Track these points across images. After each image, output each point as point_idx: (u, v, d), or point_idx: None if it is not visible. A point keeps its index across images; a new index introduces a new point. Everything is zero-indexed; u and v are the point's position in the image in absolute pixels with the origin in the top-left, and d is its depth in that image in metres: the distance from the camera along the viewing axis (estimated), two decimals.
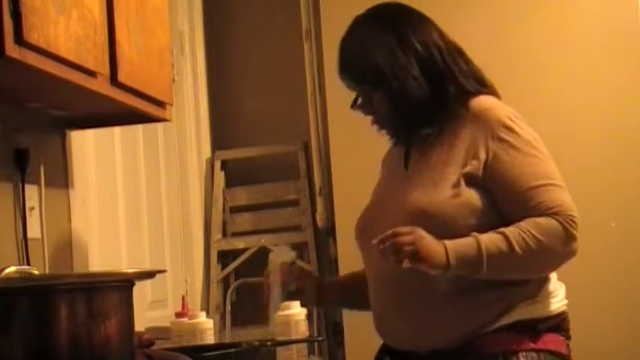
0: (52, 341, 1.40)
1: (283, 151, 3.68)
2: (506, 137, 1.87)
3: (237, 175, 3.74)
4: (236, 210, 3.71)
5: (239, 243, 3.65)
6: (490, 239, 1.79)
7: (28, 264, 2.12)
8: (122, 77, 2.03)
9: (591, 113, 3.12)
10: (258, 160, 3.72)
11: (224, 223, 3.70)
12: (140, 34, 2.14)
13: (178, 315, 2.58)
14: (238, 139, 3.75)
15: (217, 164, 3.70)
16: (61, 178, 2.41)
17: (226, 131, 3.78)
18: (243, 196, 3.71)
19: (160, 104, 2.32)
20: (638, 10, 3.11)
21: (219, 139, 3.76)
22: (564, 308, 1.92)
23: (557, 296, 1.91)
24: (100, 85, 1.95)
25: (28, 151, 2.18)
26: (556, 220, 1.80)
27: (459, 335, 1.84)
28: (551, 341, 1.86)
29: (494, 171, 1.86)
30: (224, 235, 3.69)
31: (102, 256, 2.69)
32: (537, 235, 1.79)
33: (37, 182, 2.25)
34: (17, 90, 1.97)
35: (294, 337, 2.45)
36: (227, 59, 3.81)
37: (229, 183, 3.73)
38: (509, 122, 1.89)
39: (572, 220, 1.81)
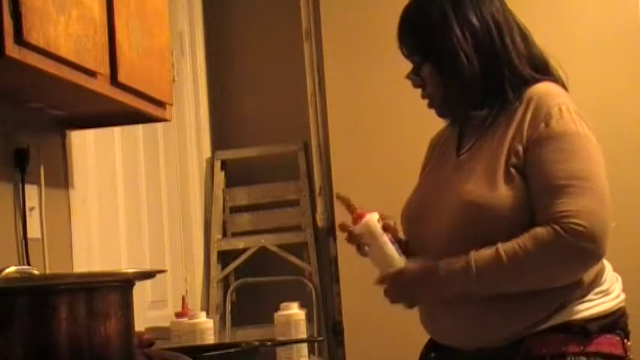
0: (52, 341, 1.40)
1: (283, 151, 3.69)
2: (547, 126, 1.76)
3: (237, 175, 3.75)
4: (236, 210, 3.71)
5: (239, 243, 3.65)
6: (480, 252, 1.73)
7: (28, 264, 2.11)
8: (122, 77, 2.02)
9: (591, 113, 3.11)
10: (258, 160, 3.72)
11: (224, 223, 3.70)
12: (140, 34, 2.14)
13: (178, 315, 2.58)
14: (238, 139, 3.75)
15: (217, 164, 3.70)
16: (61, 178, 2.41)
17: (226, 131, 3.78)
18: (243, 196, 3.71)
19: (160, 104, 2.32)
20: (638, 10, 3.12)
21: (219, 139, 3.76)
22: (621, 305, 1.81)
23: (612, 293, 1.80)
24: (100, 85, 1.95)
25: (28, 151, 2.18)
26: (559, 229, 1.68)
27: (506, 335, 1.76)
28: (603, 343, 1.76)
29: (530, 162, 1.76)
30: (224, 235, 3.69)
31: (102, 256, 2.69)
32: (530, 246, 1.69)
33: (37, 182, 2.25)
34: (17, 90, 1.97)
35: (294, 337, 2.45)
36: (227, 59, 3.81)
37: (229, 183, 3.73)
38: (555, 110, 1.77)
39: (576, 231, 1.67)
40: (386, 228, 1.90)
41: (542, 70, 1.88)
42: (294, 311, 2.49)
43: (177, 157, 3.51)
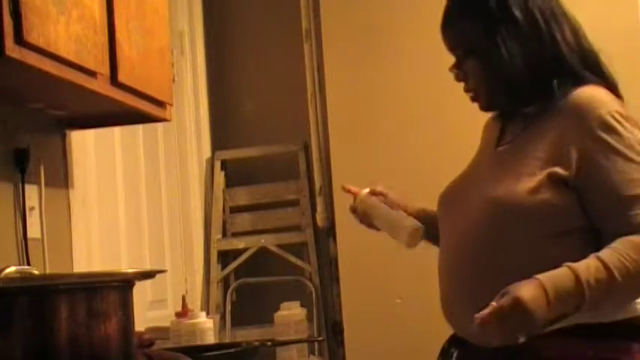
0: (52, 341, 1.40)
1: (283, 151, 3.69)
2: (606, 137, 1.69)
3: (237, 175, 3.75)
4: (236, 210, 3.71)
5: (239, 243, 3.65)
6: (588, 269, 1.61)
7: (28, 264, 2.12)
8: (122, 77, 2.03)
9: None
10: (258, 160, 3.72)
11: (224, 223, 3.70)
12: (140, 34, 2.14)
13: (178, 315, 2.58)
14: (238, 139, 3.75)
15: (217, 164, 3.70)
16: (61, 178, 2.41)
17: (226, 131, 3.78)
18: (243, 196, 3.71)
19: (160, 104, 2.32)
20: (638, 10, 3.11)
21: (219, 139, 3.76)
22: None
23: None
24: (100, 85, 1.95)
25: (28, 151, 2.18)
26: None
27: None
28: (618, 349, 1.69)
29: (589, 174, 1.69)
30: (224, 235, 3.69)
31: (102, 256, 2.69)
32: (638, 258, 1.61)
33: (37, 182, 2.25)
34: (17, 90, 1.97)
35: (294, 337, 2.45)
36: (227, 59, 3.81)
37: (229, 183, 3.73)
38: (610, 120, 1.70)
39: None
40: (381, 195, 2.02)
41: (593, 66, 1.82)
42: (294, 311, 2.49)
43: (178, 157, 3.51)
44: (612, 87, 1.82)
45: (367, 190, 2.06)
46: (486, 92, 1.85)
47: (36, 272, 1.68)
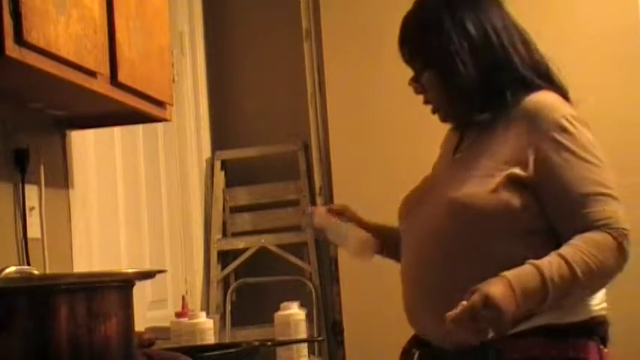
0: (52, 341, 1.40)
1: (283, 151, 3.69)
2: (560, 139, 1.77)
3: (237, 175, 3.75)
4: (236, 210, 3.71)
5: (239, 243, 3.65)
6: (551, 267, 1.67)
7: (28, 264, 2.12)
8: (122, 77, 2.03)
9: (591, 113, 3.12)
10: (258, 160, 3.72)
11: (224, 223, 3.70)
12: (140, 34, 2.14)
13: (178, 315, 2.58)
14: (238, 139, 3.75)
15: (217, 164, 3.70)
16: (61, 178, 2.41)
17: (226, 131, 3.78)
18: (243, 196, 3.71)
19: (160, 104, 2.32)
20: (638, 10, 3.12)
21: (219, 139, 3.76)
22: (602, 312, 1.81)
23: (594, 299, 1.79)
24: (100, 85, 1.95)
25: (28, 151, 2.18)
26: (610, 234, 1.70)
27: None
28: (577, 348, 1.75)
29: (545, 174, 1.77)
30: (224, 235, 3.69)
31: (102, 256, 2.69)
32: (597, 254, 1.68)
33: (37, 182, 2.25)
34: (17, 90, 1.97)
35: (294, 337, 2.45)
36: (227, 59, 3.81)
37: (229, 183, 3.73)
38: (564, 123, 1.79)
39: (624, 235, 1.71)
40: (338, 213, 2.11)
41: (544, 74, 1.89)
42: (294, 311, 2.49)
43: (177, 157, 3.51)
44: (563, 93, 1.89)
45: (324, 207, 2.18)
46: (445, 103, 1.92)
47: (36, 272, 1.68)
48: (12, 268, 1.59)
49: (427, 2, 1.95)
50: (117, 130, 2.92)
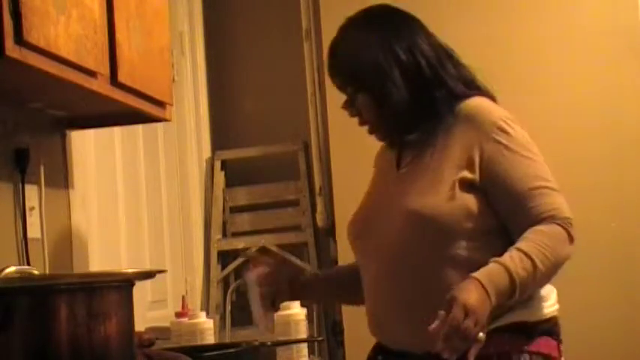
0: (52, 341, 1.40)
1: (283, 151, 3.68)
2: (501, 139, 1.86)
3: (237, 175, 3.75)
4: (236, 210, 3.71)
5: (239, 243, 3.65)
6: (514, 262, 1.75)
7: (28, 264, 2.12)
8: (122, 77, 2.03)
9: (591, 113, 3.12)
10: (258, 160, 3.72)
11: (224, 223, 3.70)
12: (140, 34, 2.14)
13: (178, 315, 2.58)
14: (238, 139, 3.75)
15: (217, 164, 3.70)
16: (61, 178, 2.41)
17: (226, 131, 3.78)
18: (243, 196, 3.71)
19: (160, 104, 2.32)
20: (638, 10, 3.11)
21: (219, 139, 3.76)
22: (556, 313, 1.92)
23: (550, 300, 1.90)
24: (100, 85, 1.95)
25: (28, 151, 2.18)
26: (557, 224, 1.80)
27: None
28: (544, 344, 1.86)
29: (490, 173, 1.85)
30: (224, 235, 3.69)
31: (102, 256, 2.69)
32: (551, 244, 1.78)
33: (37, 182, 2.25)
34: (17, 90, 1.97)
35: (294, 337, 2.45)
36: (227, 59, 3.81)
37: (229, 183, 3.73)
38: (502, 124, 1.88)
39: (570, 223, 1.82)
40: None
41: (471, 84, 1.97)
42: (294, 311, 2.49)
43: (177, 157, 3.51)
44: (491, 97, 1.98)
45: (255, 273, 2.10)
46: (381, 123, 1.97)
47: (36, 272, 1.68)
48: (12, 268, 1.59)
49: (353, 28, 2.02)
50: (117, 130, 2.92)
